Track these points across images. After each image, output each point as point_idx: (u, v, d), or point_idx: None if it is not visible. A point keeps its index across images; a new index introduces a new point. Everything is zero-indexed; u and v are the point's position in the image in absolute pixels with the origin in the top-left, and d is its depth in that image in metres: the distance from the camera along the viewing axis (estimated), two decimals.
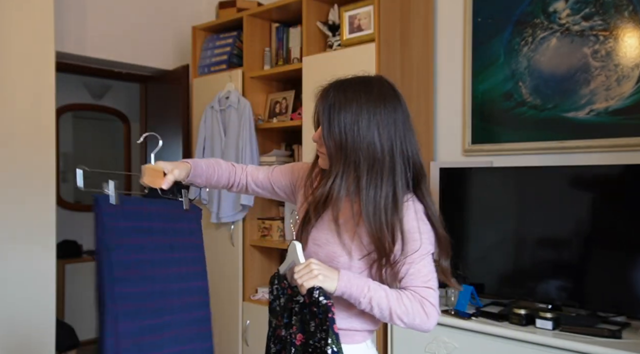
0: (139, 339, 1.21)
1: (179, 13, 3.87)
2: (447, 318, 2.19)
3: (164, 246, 1.31)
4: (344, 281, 1.25)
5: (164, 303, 1.27)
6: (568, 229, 2.18)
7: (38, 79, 2.80)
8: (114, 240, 1.22)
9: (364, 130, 1.27)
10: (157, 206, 1.34)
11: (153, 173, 1.32)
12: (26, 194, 2.75)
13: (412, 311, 1.26)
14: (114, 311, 1.17)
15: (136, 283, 1.23)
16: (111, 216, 1.23)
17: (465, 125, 2.69)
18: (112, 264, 1.20)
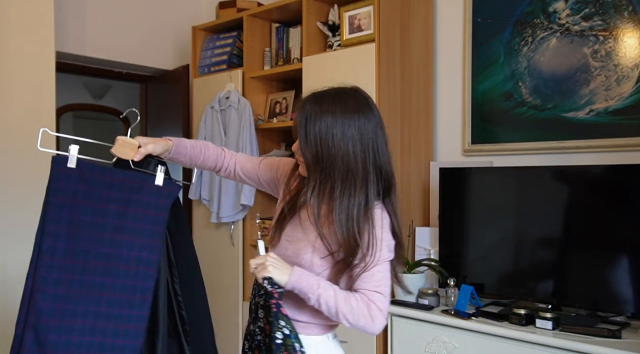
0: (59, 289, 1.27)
1: (179, 13, 3.87)
2: (447, 318, 2.19)
3: (119, 213, 1.33)
4: (295, 276, 1.33)
5: (101, 264, 1.31)
6: (568, 229, 2.18)
7: (38, 79, 2.80)
8: (57, 198, 1.29)
9: (338, 141, 1.32)
10: (122, 176, 1.36)
11: (126, 145, 1.37)
12: (26, 194, 2.75)
13: (357, 312, 1.31)
14: (36, 260, 1.27)
15: (71, 239, 1.28)
16: (61, 177, 1.31)
17: (465, 125, 2.69)
18: (46, 219, 1.27)
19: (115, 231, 1.33)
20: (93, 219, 1.32)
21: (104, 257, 1.31)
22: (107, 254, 1.32)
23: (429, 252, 2.57)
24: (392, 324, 2.38)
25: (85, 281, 1.30)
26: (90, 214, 1.32)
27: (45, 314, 1.28)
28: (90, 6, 3.46)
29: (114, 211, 1.33)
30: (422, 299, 2.35)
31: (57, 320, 1.28)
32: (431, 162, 2.76)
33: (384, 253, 1.35)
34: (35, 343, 1.27)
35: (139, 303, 1.33)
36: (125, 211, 1.34)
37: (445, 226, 2.48)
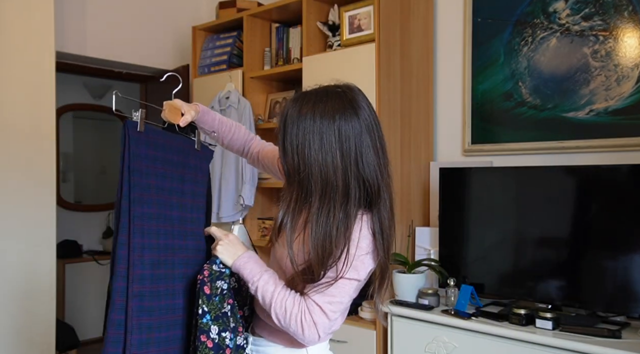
0: (153, 254, 1.29)
1: (179, 13, 3.87)
2: (447, 318, 2.19)
3: (179, 177, 1.39)
4: (240, 261, 1.29)
5: (176, 227, 1.36)
6: (568, 229, 2.18)
7: (38, 79, 2.80)
8: (137, 163, 1.29)
9: (317, 151, 1.19)
10: (176, 141, 1.42)
11: (173, 110, 1.42)
12: (26, 194, 2.75)
13: (289, 316, 1.22)
14: (128, 227, 1.25)
15: (152, 205, 1.31)
16: (136, 141, 1.30)
17: (465, 125, 2.69)
18: (132, 185, 1.27)
19: (180, 194, 1.39)
20: (164, 183, 1.35)
21: (178, 221, 1.37)
22: (179, 217, 1.37)
23: (429, 252, 2.57)
24: (392, 324, 2.38)
25: (170, 245, 1.34)
26: (162, 179, 1.35)
27: (147, 280, 1.28)
28: (90, 6, 3.46)
29: (177, 175, 1.39)
30: (422, 299, 2.35)
31: (155, 286, 1.30)
32: (431, 162, 2.76)
33: (350, 272, 1.22)
34: (140, 310, 1.25)
35: (200, 261, 1.40)
36: (183, 174, 1.40)
37: (445, 226, 2.48)
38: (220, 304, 1.30)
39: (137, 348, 1.23)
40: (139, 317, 1.24)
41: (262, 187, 3.09)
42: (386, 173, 1.27)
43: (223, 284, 1.32)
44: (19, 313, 2.72)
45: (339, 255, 1.20)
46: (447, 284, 2.37)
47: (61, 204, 4.64)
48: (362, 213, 1.25)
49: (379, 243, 1.25)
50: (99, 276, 4.72)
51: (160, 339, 1.29)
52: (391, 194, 1.29)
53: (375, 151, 1.24)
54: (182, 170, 1.40)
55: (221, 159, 3.13)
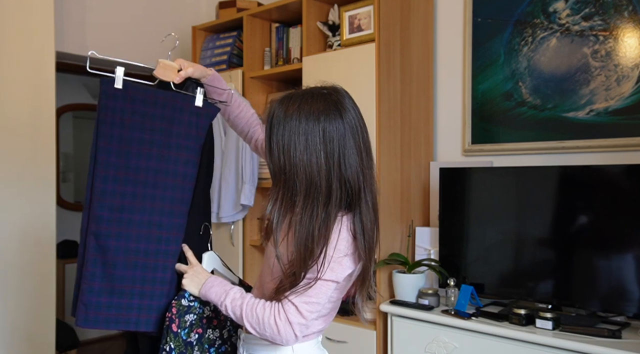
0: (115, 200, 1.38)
1: (179, 13, 3.87)
2: (447, 318, 2.19)
3: (165, 130, 1.43)
4: (205, 289, 1.35)
5: (151, 177, 1.42)
6: (568, 229, 2.18)
7: (38, 79, 2.80)
8: (107, 116, 1.37)
9: (301, 152, 1.22)
10: (164, 96, 1.45)
11: (167, 67, 1.43)
12: (26, 194, 2.75)
13: (262, 321, 1.24)
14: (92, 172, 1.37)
15: (120, 155, 1.38)
16: (109, 96, 1.38)
17: (465, 125, 2.69)
18: (99, 135, 1.36)
19: (162, 147, 1.43)
20: (141, 135, 1.41)
21: (153, 171, 1.42)
22: (156, 168, 1.42)
23: (429, 252, 2.57)
24: (392, 324, 2.38)
25: (138, 193, 1.40)
26: (139, 131, 1.40)
27: (104, 222, 1.37)
28: (90, 6, 3.45)
29: (160, 128, 1.43)
30: (422, 299, 2.35)
31: (115, 228, 1.38)
32: (431, 162, 2.76)
33: (327, 274, 1.23)
34: (97, 247, 1.37)
35: (183, 212, 1.46)
36: (169, 128, 1.44)
37: (445, 226, 2.48)
38: (187, 336, 1.38)
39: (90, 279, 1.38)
40: (94, 253, 1.37)
41: (262, 187, 3.09)
42: (369, 175, 1.29)
43: (192, 317, 1.39)
44: (19, 312, 2.72)
45: (317, 255, 1.22)
46: (447, 284, 2.37)
47: (61, 204, 4.64)
48: (342, 215, 1.26)
49: (360, 244, 1.27)
50: None
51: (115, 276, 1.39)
52: (374, 196, 1.31)
53: (358, 152, 1.26)
54: (167, 124, 1.43)
55: (221, 159, 3.13)
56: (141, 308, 1.40)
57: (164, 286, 1.43)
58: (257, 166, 3.09)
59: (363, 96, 2.51)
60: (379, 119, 2.48)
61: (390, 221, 2.54)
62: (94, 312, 1.37)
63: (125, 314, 1.40)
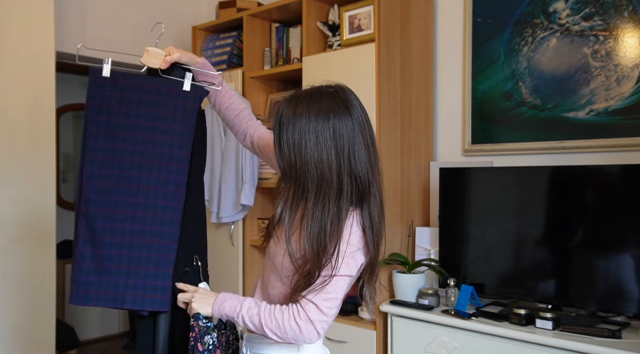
0: (101, 182, 1.46)
1: (179, 13, 3.87)
2: (447, 318, 2.19)
3: (150, 115, 1.49)
4: (217, 305, 1.34)
5: (136, 160, 1.48)
6: (568, 229, 2.18)
7: (38, 79, 2.80)
8: (94, 104, 1.45)
9: (312, 148, 1.23)
10: (149, 82, 1.51)
11: (153, 54, 1.49)
12: (26, 194, 2.75)
13: (283, 325, 1.25)
14: (82, 157, 1.45)
15: (107, 140, 1.46)
16: (97, 85, 1.45)
17: (465, 125, 2.69)
18: (88, 122, 1.44)
19: (147, 131, 1.48)
20: (127, 121, 1.47)
21: (139, 155, 1.48)
22: (141, 151, 1.48)
23: (429, 252, 2.57)
24: (392, 324, 2.38)
25: (124, 175, 1.47)
26: (124, 117, 1.47)
27: (92, 203, 1.45)
28: (90, 6, 3.46)
29: (145, 113, 1.48)
30: (422, 299, 2.35)
31: (103, 209, 1.46)
32: (431, 162, 2.76)
33: (342, 269, 1.26)
34: (87, 228, 1.46)
35: (172, 194, 1.49)
36: (155, 113, 1.49)
37: (445, 226, 2.48)
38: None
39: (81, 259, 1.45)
40: (85, 233, 1.45)
41: (262, 187, 3.09)
42: (377, 169, 1.32)
43: (209, 339, 1.39)
44: (19, 313, 2.72)
45: (331, 251, 1.24)
46: (447, 284, 2.37)
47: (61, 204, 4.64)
48: (352, 209, 1.29)
49: (369, 238, 1.30)
50: None
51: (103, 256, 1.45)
52: (381, 190, 1.34)
53: (366, 148, 1.28)
54: (154, 109, 1.49)
55: (221, 159, 3.13)
56: (127, 287, 1.45)
57: (149, 266, 1.47)
58: (257, 166, 3.09)
59: (363, 96, 2.49)
60: (379, 119, 2.48)
61: (390, 221, 2.54)
62: (84, 290, 1.44)
63: (112, 292, 1.45)
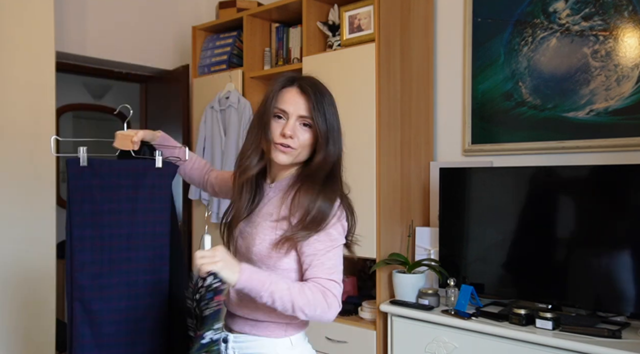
0: (93, 268, 1.52)
1: (179, 13, 3.87)
2: (447, 318, 2.19)
3: (131, 198, 1.57)
4: (246, 275, 1.25)
5: (124, 243, 1.56)
6: (568, 229, 2.19)
7: (38, 79, 2.80)
8: (76, 195, 1.51)
9: (338, 128, 1.42)
10: (127, 165, 1.58)
11: (124, 137, 1.57)
12: (26, 194, 2.75)
13: (313, 302, 1.26)
14: (70, 247, 1.51)
15: (94, 227, 1.52)
16: (77, 176, 1.51)
17: (465, 125, 2.69)
18: (71, 213, 1.51)
19: (130, 214, 1.57)
20: (110, 206, 1.55)
21: (126, 237, 1.56)
22: (127, 234, 1.56)
23: (429, 252, 2.57)
24: (392, 324, 2.38)
25: (114, 258, 1.55)
26: (107, 203, 1.54)
27: (86, 289, 1.52)
28: (90, 6, 3.46)
29: (126, 197, 1.56)
30: (422, 299, 2.35)
31: (97, 293, 1.53)
32: (431, 162, 2.76)
33: (334, 238, 1.33)
34: (83, 311, 1.52)
35: (159, 269, 1.60)
36: (135, 195, 1.57)
37: (445, 226, 2.48)
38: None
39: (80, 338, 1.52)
40: (82, 316, 1.51)
41: None
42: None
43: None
44: (18, 312, 2.72)
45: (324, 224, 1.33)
46: (447, 284, 2.37)
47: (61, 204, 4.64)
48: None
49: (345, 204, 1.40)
50: None
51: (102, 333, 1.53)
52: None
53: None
54: (133, 191, 1.57)
55: (221, 160, 3.13)
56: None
57: (149, 334, 1.58)
58: None
59: (363, 96, 2.51)
60: (379, 119, 2.48)
61: (390, 221, 2.54)
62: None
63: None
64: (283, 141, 1.39)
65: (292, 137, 1.39)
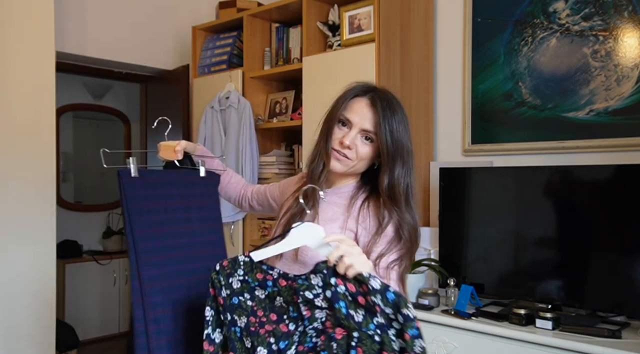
0: (162, 282, 1.43)
1: (179, 13, 3.87)
2: (447, 318, 2.19)
3: (183, 207, 1.52)
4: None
5: (186, 253, 1.50)
6: (568, 229, 2.18)
7: (38, 79, 2.80)
8: (134, 205, 1.43)
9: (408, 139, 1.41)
10: (175, 175, 1.55)
11: (166, 148, 1.56)
12: (26, 194, 2.75)
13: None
14: (136, 262, 1.40)
15: (156, 239, 1.45)
16: (131, 186, 1.44)
17: (465, 125, 2.69)
18: (133, 225, 1.41)
19: (186, 223, 1.52)
20: (167, 216, 1.49)
21: (186, 247, 1.51)
22: (188, 243, 1.51)
23: (429, 252, 2.57)
24: None
25: (181, 270, 1.48)
26: (164, 213, 1.48)
27: (159, 306, 1.42)
28: (90, 6, 3.46)
29: (180, 206, 1.52)
30: (422, 299, 2.35)
31: (170, 310, 1.44)
32: (431, 162, 2.76)
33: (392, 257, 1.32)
34: (158, 332, 1.41)
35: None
36: (187, 204, 1.53)
37: (445, 226, 2.48)
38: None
39: None
40: (158, 339, 1.40)
41: None
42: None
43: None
44: (19, 312, 2.72)
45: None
46: (447, 284, 2.37)
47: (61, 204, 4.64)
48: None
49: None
50: (99, 276, 4.72)
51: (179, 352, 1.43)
52: None
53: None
54: (185, 200, 1.53)
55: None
56: None
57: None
58: (257, 167, 3.09)
59: None
60: None
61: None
62: None
63: None
64: (340, 149, 1.36)
65: (350, 147, 1.35)
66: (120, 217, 5.15)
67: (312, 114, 2.74)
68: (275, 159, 3.12)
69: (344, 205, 1.39)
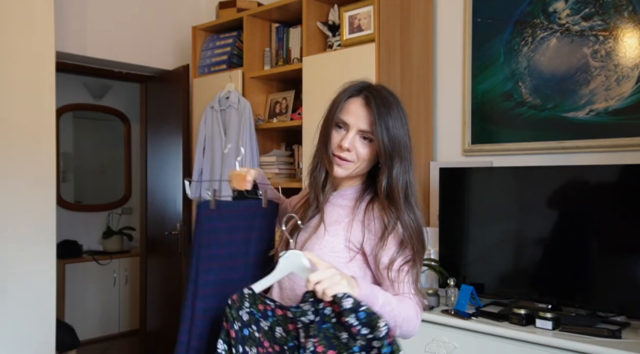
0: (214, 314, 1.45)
1: (179, 13, 3.87)
2: (447, 318, 2.19)
3: (244, 241, 1.53)
4: (365, 289, 1.17)
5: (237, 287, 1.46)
6: (568, 229, 2.18)
7: (38, 79, 2.80)
8: (205, 238, 1.46)
9: (406, 136, 1.39)
10: (243, 207, 1.55)
11: (238, 178, 1.55)
12: (26, 194, 2.75)
13: (408, 317, 1.27)
14: (193, 293, 1.44)
15: (216, 272, 1.47)
16: (208, 219, 1.47)
17: (465, 125, 2.69)
18: (200, 258, 1.45)
19: (244, 257, 1.52)
20: (230, 251, 1.50)
21: (239, 281, 1.48)
22: (241, 278, 1.50)
23: (429, 252, 2.57)
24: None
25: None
26: (228, 247, 1.50)
27: (205, 335, 1.44)
28: (90, 6, 3.46)
29: (242, 240, 1.52)
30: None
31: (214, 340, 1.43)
32: (431, 162, 2.76)
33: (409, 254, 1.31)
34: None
35: None
36: (249, 237, 1.53)
37: (445, 226, 2.48)
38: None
39: None
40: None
41: None
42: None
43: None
44: (18, 312, 2.72)
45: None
46: (447, 284, 2.37)
47: (61, 204, 4.65)
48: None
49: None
50: (99, 276, 4.73)
51: None
52: None
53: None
54: (248, 233, 1.53)
55: (221, 159, 3.13)
56: None
57: None
58: (257, 166, 3.09)
59: None
60: None
61: None
62: None
63: None
64: (340, 153, 1.34)
65: (349, 150, 1.33)
66: (120, 217, 5.16)
67: (312, 114, 2.74)
68: (276, 159, 3.12)
69: (349, 207, 1.38)
